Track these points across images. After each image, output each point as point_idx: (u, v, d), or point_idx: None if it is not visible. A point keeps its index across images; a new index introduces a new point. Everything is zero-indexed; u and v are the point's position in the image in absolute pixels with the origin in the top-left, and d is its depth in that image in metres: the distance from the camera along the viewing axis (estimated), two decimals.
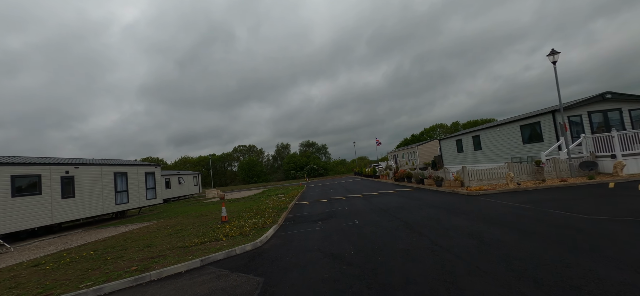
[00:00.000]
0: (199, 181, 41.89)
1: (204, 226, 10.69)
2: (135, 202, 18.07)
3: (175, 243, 8.17)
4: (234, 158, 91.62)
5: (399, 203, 11.93)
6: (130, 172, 17.91)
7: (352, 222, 9.26)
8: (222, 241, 7.78)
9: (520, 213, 7.78)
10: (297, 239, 7.64)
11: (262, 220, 10.65)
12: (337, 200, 15.41)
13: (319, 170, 72.62)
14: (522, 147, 17.73)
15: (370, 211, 10.84)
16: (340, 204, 13.80)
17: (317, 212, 12.11)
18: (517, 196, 10.72)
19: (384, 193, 16.73)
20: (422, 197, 13.22)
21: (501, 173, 13.68)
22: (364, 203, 13.02)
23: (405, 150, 40.69)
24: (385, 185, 22.20)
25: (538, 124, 16.51)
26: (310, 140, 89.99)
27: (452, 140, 26.97)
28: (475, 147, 23.00)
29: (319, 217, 10.80)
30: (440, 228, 7.09)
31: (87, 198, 14.83)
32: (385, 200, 13.57)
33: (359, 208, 11.95)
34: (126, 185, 17.52)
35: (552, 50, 13.08)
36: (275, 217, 11.18)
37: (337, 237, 7.28)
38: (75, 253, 8.21)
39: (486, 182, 13.62)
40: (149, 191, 19.47)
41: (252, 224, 9.92)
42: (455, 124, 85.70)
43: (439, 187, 15.31)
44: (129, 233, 11.01)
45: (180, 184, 35.87)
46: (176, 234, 9.66)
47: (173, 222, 13.17)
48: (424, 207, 10.54)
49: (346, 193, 19.27)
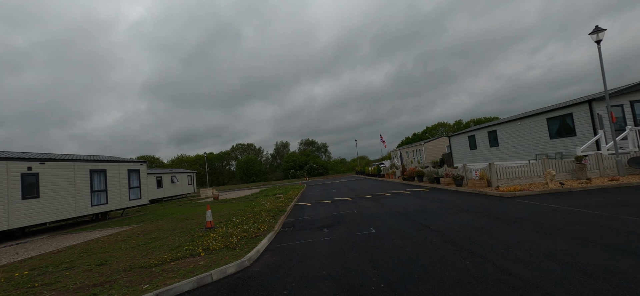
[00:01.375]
0: (194, 180, 39.93)
1: (184, 234, 8.77)
2: (116, 203, 16.12)
3: (137, 259, 6.24)
4: (232, 157, 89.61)
5: (419, 206, 10.02)
6: (109, 169, 15.96)
7: (366, 230, 7.35)
8: (198, 258, 5.87)
9: (595, 223, 5.87)
10: (298, 255, 5.73)
11: (255, 226, 8.73)
12: (342, 202, 13.50)
13: (319, 169, 70.65)
14: (548, 143, 15.84)
15: (387, 216, 8.92)
16: (347, 206, 11.89)
17: (321, 216, 10.21)
18: (567, 199, 8.81)
19: (395, 193, 14.82)
20: (444, 198, 11.31)
21: (535, 171, 11.77)
22: (376, 206, 11.11)
23: (410, 148, 38.81)
24: (393, 185, 20.29)
25: (569, 116, 14.61)
26: (310, 139, 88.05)
27: (463, 136, 25.07)
28: (491, 143, 21.09)
29: (324, 223, 8.89)
30: (494, 243, 5.18)
31: (55, 198, 12.88)
32: (399, 201, 11.66)
33: (371, 211, 10.03)
34: (105, 183, 15.57)
35: (595, 28, 11.17)
36: (271, 222, 9.26)
37: (352, 255, 5.36)
38: (5, 273, 6.27)
39: (517, 181, 11.72)
40: (132, 190, 17.52)
41: (242, 232, 8.01)
42: (458, 122, 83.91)
43: (459, 187, 13.39)
44: (92, 243, 9.07)
45: (173, 183, 33.91)
46: (146, 245, 7.73)
47: (152, 227, 11.24)
48: (453, 211, 8.62)
49: (351, 193, 17.36)
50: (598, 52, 11.32)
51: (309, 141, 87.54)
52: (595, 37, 11.25)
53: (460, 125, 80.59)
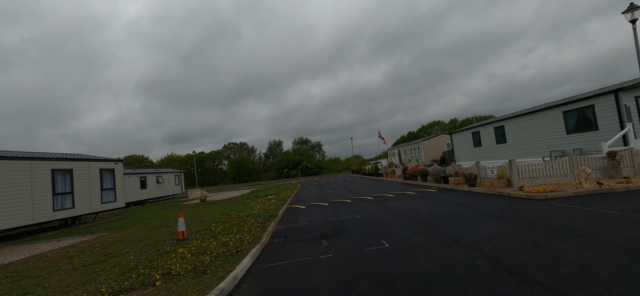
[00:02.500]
0: (182, 180, 37.86)
1: (149, 248, 7.08)
2: (85, 207, 14.23)
3: (68, 291, 4.55)
4: (224, 156, 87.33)
5: (433, 210, 8.50)
6: (77, 168, 14.07)
7: (376, 243, 5.79)
8: (151, 289, 4.22)
9: None
10: (291, 284, 4.12)
11: (238, 237, 7.11)
12: (341, 204, 11.92)
13: (314, 168, 68.94)
14: (565, 138, 14.52)
15: (398, 223, 7.37)
16: (347, 210, 10.32)
17: (318, 223, 8.61)
18: (613, 201, 7.38)
19: (399, 194, 13.29)
20: (459, 200, 9.82)
21: (560, 169, 10.38)
22: (381, 210, 9.55)
23: (409, 145, 37.48)
24: (394, 185, 18.80)
25: (590, 109, 13.30)
26: (304, 137, 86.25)
27: (466, 132, 23.74)
28: (497, 139, 19.77)
29: (322, 232, 7.30)
30: (571, 271, 3.64)
31: (5, 203, 10.99)
32: (407, 204, 10.13)
33: (377, 217, 8.47)
34: (71, 185, 13.68)
35: (630, 5, 9.81)
36: (258, 232, 7.64)
37: (365, 288, 3.77)
38: None
39: (541, 181, 10.30)
40: (105, 193, 15.64)
41: (221, 245, 6.37)
42: (454, 121, 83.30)
43: (472, 187, 11.93)
44: (33, 260, 7.29)
45: (158, 183, 31.88)
46: (94, 266, 6.02)
47: (117, 237, 9.48)
48: (479, 217, 7.11)
49: (350, 194, 15.80)
50: (633, 33, 9.96)
51: (302, 139, 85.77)
52: (630, 16, 9.88)
53: (456, 124, 79.87)
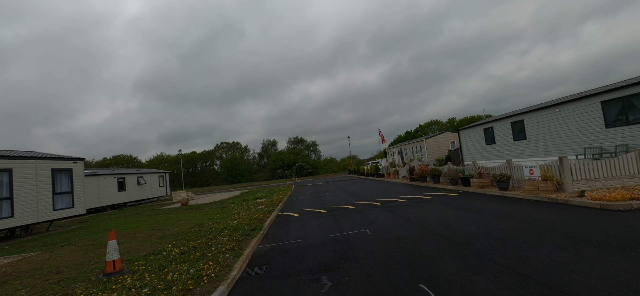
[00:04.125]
0: (167, 181, 35.11)
1: (62, 286, 4.66)
2: (30, 216, 11.65)
3: None
4: (216, 156, 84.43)
5: (473, 225, 6.19)
6: (18, 168, 11.48)
7: (411, 287, 3.44)
8: None
9: None
10: None
11: (198, 267, 4.77)
12: (343, 212, 9.55)
13: (309, 168, 66.52)
14: (604, 132, 12.39)
15: (431, 246, 5.03)
16: (351, 220, 7.97)
17: (315, 241, 6.26)
18: None
19: (411, 199, 10.99)
20: (498, 210, 7.54)
21: (626, 169, 8.16)
22: (397, 222, 7.22)
23: (410, 144, 35.32)
24: (400, 187, 16.53)
25: (637, 97, 11.18)
26: (299, 137, 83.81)
27: (477, 129, 21.57)
28: (515, 136, 17.62)
29: (321, 259, 4.95)
30: None
31: None
32: (430, 214, 7.82)
33: (394, 233, 6.13)
34: (9, 188, 11.10)
35: None
36: (230, 258, 5.26)
37: None
38: None
39: (601, 183, 8.09)
40: (60, 197, 13.05)
41: (164, 288, 3.99)
42: (451, 120, 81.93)
43: (505, 191, 9.66)
44: None
45: (140, 185, 29.19)
46: None
47: (41, 259, 6.99)
48: (550, 238, 4.82)
49: (351, 198, 13.46)
50: None
51: (297, 139, 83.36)
52: None
53: (454, 123, 78.32)
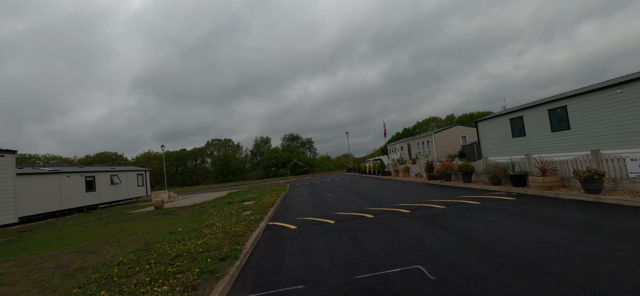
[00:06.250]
0: (147, 180, 31.59)
1: None
2: None
3: None
4: (207, 154, 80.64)
5: (618, 262, 3.22)
6: None
7: None
8: None
9: None
10: None
11: None
12: (358, 223, 6.46)
13: (304, 166, 63.38)
14: None
15: None
16: (380, 242, 4.91)
17: (329, 289, 3.18)
18: None
19: (451, 205, 7.97)
20: (623, 225, 4.59)
21: None
22: (462, 247, 4.20)
23: (415, 140, 32.49)
24: (419, 187, 13.54)
25: None
26: (294, 134, 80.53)
27: (502, 119, 18.65)
28: (554, 126, 14.77)
29: None
30: None
31: None
32: (504, 232, 4.83)
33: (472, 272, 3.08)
34: None
35: None
36: None
37: None
38: None
39: None
40: None
41: None
42: (450, 117, 79.61)
43: (598, 195, 6.71)
44: None
45: (113, 184, 25.73)
46: None
47: None
48: None
49: (363, 202, 10.39)
50: None
51: (292, 136, 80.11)
52: None
53: (453, 120, 75.95)
